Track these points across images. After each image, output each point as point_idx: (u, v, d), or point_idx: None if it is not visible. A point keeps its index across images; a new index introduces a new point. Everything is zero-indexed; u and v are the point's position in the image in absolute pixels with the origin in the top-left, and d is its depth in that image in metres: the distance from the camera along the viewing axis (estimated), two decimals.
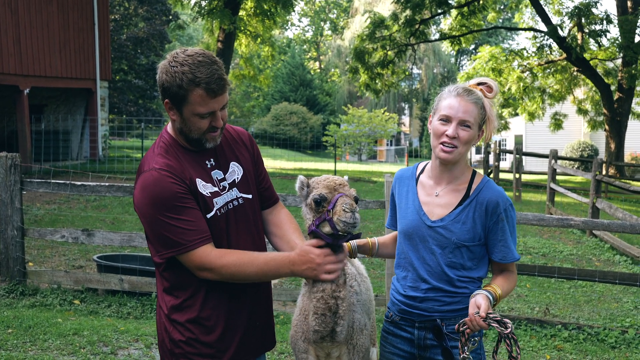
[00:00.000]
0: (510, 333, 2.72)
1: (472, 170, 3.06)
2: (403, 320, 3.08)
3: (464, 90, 2.96)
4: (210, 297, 2.82)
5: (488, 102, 2.98)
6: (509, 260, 2.97)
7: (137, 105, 37.91)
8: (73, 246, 10.04)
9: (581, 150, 32.91)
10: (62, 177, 15.22)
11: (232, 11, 22.36)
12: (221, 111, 2.76)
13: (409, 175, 3.16)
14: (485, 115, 2.97)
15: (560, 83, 26.85)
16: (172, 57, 2.70)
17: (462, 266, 2.96)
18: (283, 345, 6.17)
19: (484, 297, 2.81)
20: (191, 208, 2.72)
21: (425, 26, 24.49)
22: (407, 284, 3.05)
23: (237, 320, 2.88)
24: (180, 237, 2.68)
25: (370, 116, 45.24)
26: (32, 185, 7.83)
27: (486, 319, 2.75)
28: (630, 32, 21.86)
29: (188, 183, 2.75)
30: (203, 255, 2.70)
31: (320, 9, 72.60)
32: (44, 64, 20.30)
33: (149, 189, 2.71)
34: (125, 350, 5.99)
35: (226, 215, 2.84)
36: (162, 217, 2.69)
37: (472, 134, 2.92)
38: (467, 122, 2.90)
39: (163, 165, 2.74)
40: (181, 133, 2.81)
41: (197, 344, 2.84)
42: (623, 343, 6.77)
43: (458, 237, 2.92)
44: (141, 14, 36.78)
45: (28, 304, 7.31)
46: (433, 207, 3.00)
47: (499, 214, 2.93)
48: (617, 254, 11.46)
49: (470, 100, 2.92)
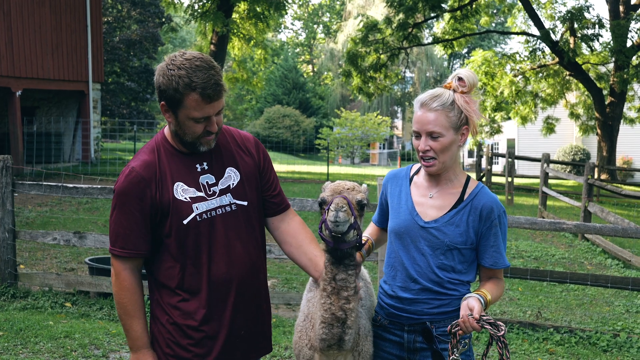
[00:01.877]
0: (502, 336, 2.72)
1: (466, 174, 3.06)
2: (392, 323, 3.06)
3: (428, 99, 2.91)
4: (191, 302, 2.83)
5: (462, 98, 2.90)
6: (500, 266, 2.97)
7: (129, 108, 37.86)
8: (65, 248, 10.00)
9: (573, 154, 33.01)
10: (54, 179, 15.17)
11: (225, 14, 22.33)
12: (216, 116, 2.75)
13: (402, 175, 3.15)
14: (460, 114, 2.90)
15: (553, 87, 26.95)
16: (170, 59, 2.70)
17: (452, 269, 2.95)
18: (275, 349, 6.15)
19: (476, 299, 2.81)
20: (136, 216, 2.79)
21: (418, 30, 24.54)
22: (396, 284, 3.03)
23: (219, 326, 2.86)
24: (117, 236, 2.82)
25: (363, 119, 45.31)
26: (23, 187, 7.79)
27: (479, 321, 2.75)
28: (622, 37, 21.99)
29: (157, 187, 2.78)
30: (115, 267, 2.85)
31: (313, 12, 72.67)
32: (36, 66, 20.24)
33: (117, 182, 2.83)
34: (117, 354, 5.97)
35: (211, 221, 2.82)
36: (115, 210, 2.83)
37: (445, 141, 2.88)
38: (434, 133, 2.87)
39: (140, 163, 2.81)
40: (176, 135, 2.81)
41: (176, 346, 2.86)
42: (615, 346, 6.79)
43: (451, 239, 2.92)
44: (134, 17, 36.74)
45: (19, 307, 7.27)
46: (427, 208, 2.99)
47: (492, 220, 2.93)
48: (609, 257, 11.49)
49: (434, 109, 2.88)
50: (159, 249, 2.84)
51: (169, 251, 2.82)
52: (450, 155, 2.92)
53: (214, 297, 2.83)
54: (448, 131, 2.88)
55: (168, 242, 2.81)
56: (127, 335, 2.84)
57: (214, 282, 2.82)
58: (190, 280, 2.81)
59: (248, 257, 2.90)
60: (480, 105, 3.02)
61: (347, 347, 2.90)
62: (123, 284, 2.81)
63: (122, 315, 2.83)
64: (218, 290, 2.83)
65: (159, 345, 2.88)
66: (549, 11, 27.19)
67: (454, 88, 2.92)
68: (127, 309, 2.82)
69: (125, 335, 2.89)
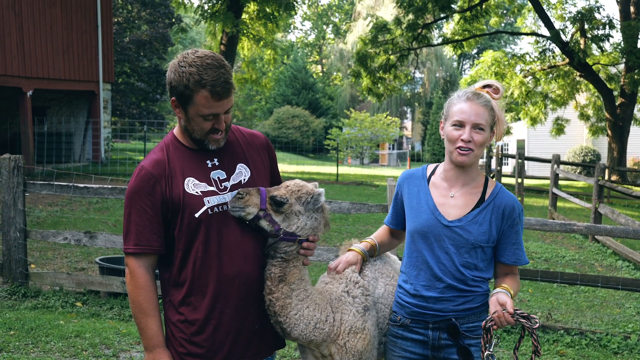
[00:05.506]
0: (536, 329, 2.79)
1: (484, 175, 3.12)
2: (414, 322, 3.09)
3: (473, 94, 3.01)
4: (202, 296, 2.86)
5: (496, 104, 3.03)
6: (522, 263, 3.06)
7: (139, 108, 37.97)
8: (75, 248, 10.04)
9: (583, 155, 32.86)
10: (65, 179, 15.23)
11: (235, 14, 22.36)
12: (225, 114, 2.81)
13: (419, 175, 3.19)
14: (495, 117, 3.02)
15: (563, 88, 26.85)
16: (182, 57, 2.76)
17: (475, 266, 3.01)
18: (284, 349, 6.16)
19: (505, 294, 2.90)
20: (148, 213, 2.81)
21: (428, 30, 24.49)
22: (419, 283, 3.06)
23: (229, 321, 2.89)
24: (129, 234, 2.83)
25: (373, 120, 45.27)
26: (34, 187, 7.83)
27: (513, 315, 2.81)
28: (633, 37, 21.89)
29: (167, 183, 2.82)
30: (130, 266, 2.85)
31: (322, 13, 72.68)
32: (47, 66, 20.31)
33: (130, 182, 2.87)
34: (127, 353, 5.99)
35: (222, 215, 2.86)
36: (128, 209, 2.84)
37: (485, 136, 2.98)
38: (480, 125, 2.95)
39: (150, 161, 2.86)
40: (185, 131, 2.88)
41: (188, 344, 2.88)
42: (625, 349, 6.76)
43: (475, 237, 2.98)
44: (144, 17, 36.83)
45: (30, 306, 7.30)
46: (449, 208, 3.04)
47: (514, 218, 3.03)
48: (620, 259, 11.44)
49: (480, 104, 2.98)
50: (172, 247, 2.87)
51: (180, 247, 2.85)
52: (482, 152, 3.02)
53: (225, 291, 2.86)
54: (487, 128, 2.99)
55: (180, 238, 2.84)
56: (143, 334, 2.85)
57: (225, 276, 2.85)
58: (201, 275, 2.84)
59: (259, 252, 2.95)
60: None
61: (293, 335, 2.99)
62: (138, 282, 2.82)
63: (138, 314, 2.84)
64: (228, 284, 2.86)
65: (173, 346, 2.91)
66: (559, 11, 27.11)
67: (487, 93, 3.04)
68: (142, 307, 2.82)
69: (139, 335, 2.89)
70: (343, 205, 7.21)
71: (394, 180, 7.28)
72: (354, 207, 7.22)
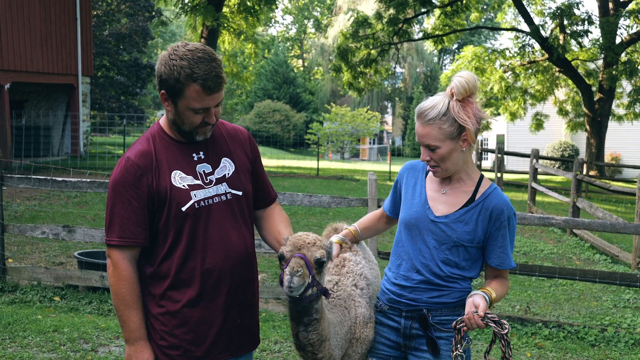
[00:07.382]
0: (505, 334, 2.78)
1: (479, 173, 3.10)
2: (391, 309, 3.14)
3: (420, 113, 2.94)
4: (185, 289, 2.85)
5: (457, 106, 2.88)
6: (506, 267, 3.03)
7: (119, 102, 37.62)
8: (54, 242, 9.96)
9: (562, 150, 33.13)
10: (43, 172, 15.09)
11: (215, 8, 22.24)
12: (215, 108, 2.80)
13: (420, 167, 3.20)
14: (455, 125, 2.88)
15: (542, 83, 27.01)
16: (172, 49, 2.74)
17: (456, 264, 3.01)
18: (265, 343, 6.16)
19: (481, 297, 2.87)
20: (133, 205, 2.78)
21: (409, 25, 24.54)
22: (400, 272, 3.10)
23: (212, 315, 2.88)
24: (113, 225, 2.80)
25: (353, 114, 45.27)
26: (12, 180, 7.75)
27: (484, 319, 2.80)
28: (611, 33, 22.06)
29: (155, 175, 2.80)
30: (112, 257, 2.82)
31: (304, 7, 72.52)
32: (25, 59, 20.10)
33: (113, 173, 2.83)
34: (106, 348, 5.96)
35: (208, 209, 2.85)
36: (111, 200, 2.81)
37: (443, 152, 2.92)
38: (431, 146, 2.92)
39: (136, 152, 2.83)
40: (174, 124, 2.85)
41: (170, 337, 2.87)
42: (602, 341, 6.84)
43: (458, 236, 2.98)
44: (124, 10, 36.46)
45: (7, 301, 7.24)
46: (438, 203, 3.05)
47: (502, 221, 2.99)
48: (597, 252, 11.56)
49: (427, 122, 2.91)
50: (155, 239, 2.85)
51: (165, 240, 2.83)
52: (453, 162, 2.96)
53: (208, 285, 2.85)
54: (444, 142, 2.91)
55: (165, 231, 2.82)
56: (124, 327, 2.83)
57: (209, 270, 2.84)
58: (185, 268, 2.83)
59: (243, 247, 2.94)
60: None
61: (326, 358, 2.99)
62: (122, 274, 2.80)
63: (120, 306, 2.82)
64: (212, 278, 2.85)
65: (154, 339, 2.89)
66: (539, 7, 27.28)
67: (451, 95, 2.91)
68: (125, 299, 2.80)
69: (121, 328, 2.86)
70: (323, 199, 7.22)
71: (374, 175, 7.30)
72: (334, 201, 7.23)
